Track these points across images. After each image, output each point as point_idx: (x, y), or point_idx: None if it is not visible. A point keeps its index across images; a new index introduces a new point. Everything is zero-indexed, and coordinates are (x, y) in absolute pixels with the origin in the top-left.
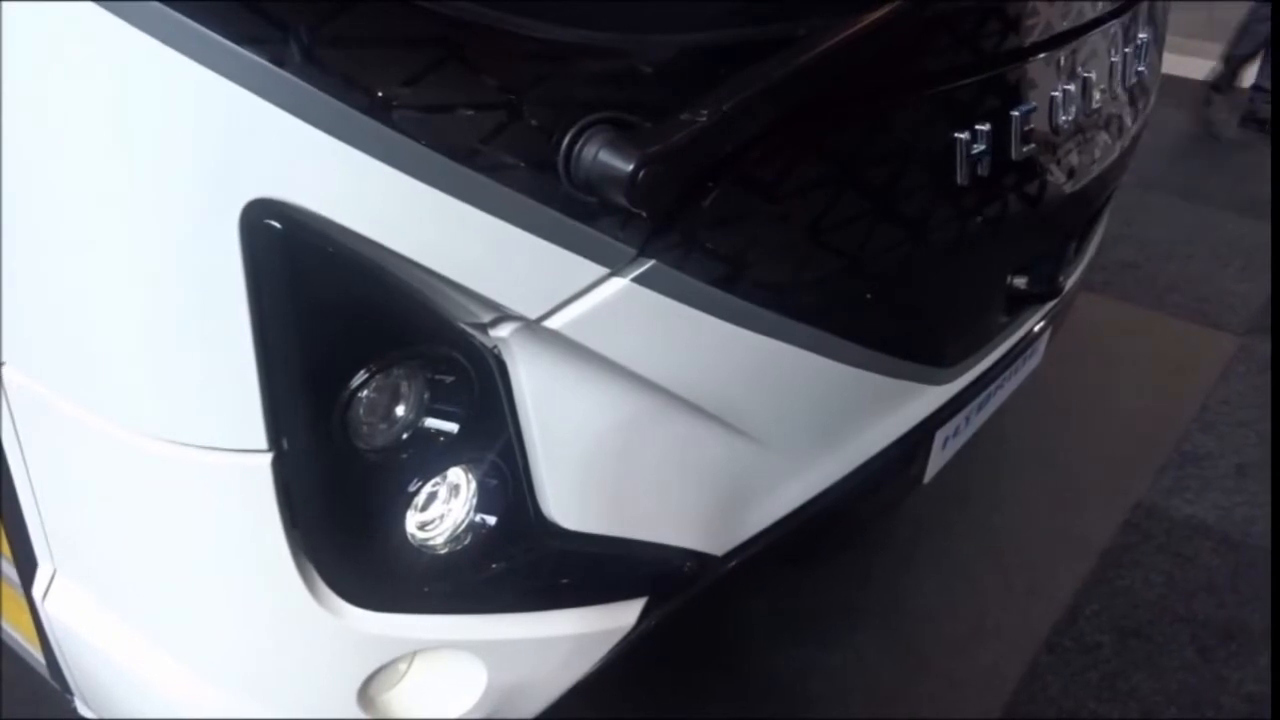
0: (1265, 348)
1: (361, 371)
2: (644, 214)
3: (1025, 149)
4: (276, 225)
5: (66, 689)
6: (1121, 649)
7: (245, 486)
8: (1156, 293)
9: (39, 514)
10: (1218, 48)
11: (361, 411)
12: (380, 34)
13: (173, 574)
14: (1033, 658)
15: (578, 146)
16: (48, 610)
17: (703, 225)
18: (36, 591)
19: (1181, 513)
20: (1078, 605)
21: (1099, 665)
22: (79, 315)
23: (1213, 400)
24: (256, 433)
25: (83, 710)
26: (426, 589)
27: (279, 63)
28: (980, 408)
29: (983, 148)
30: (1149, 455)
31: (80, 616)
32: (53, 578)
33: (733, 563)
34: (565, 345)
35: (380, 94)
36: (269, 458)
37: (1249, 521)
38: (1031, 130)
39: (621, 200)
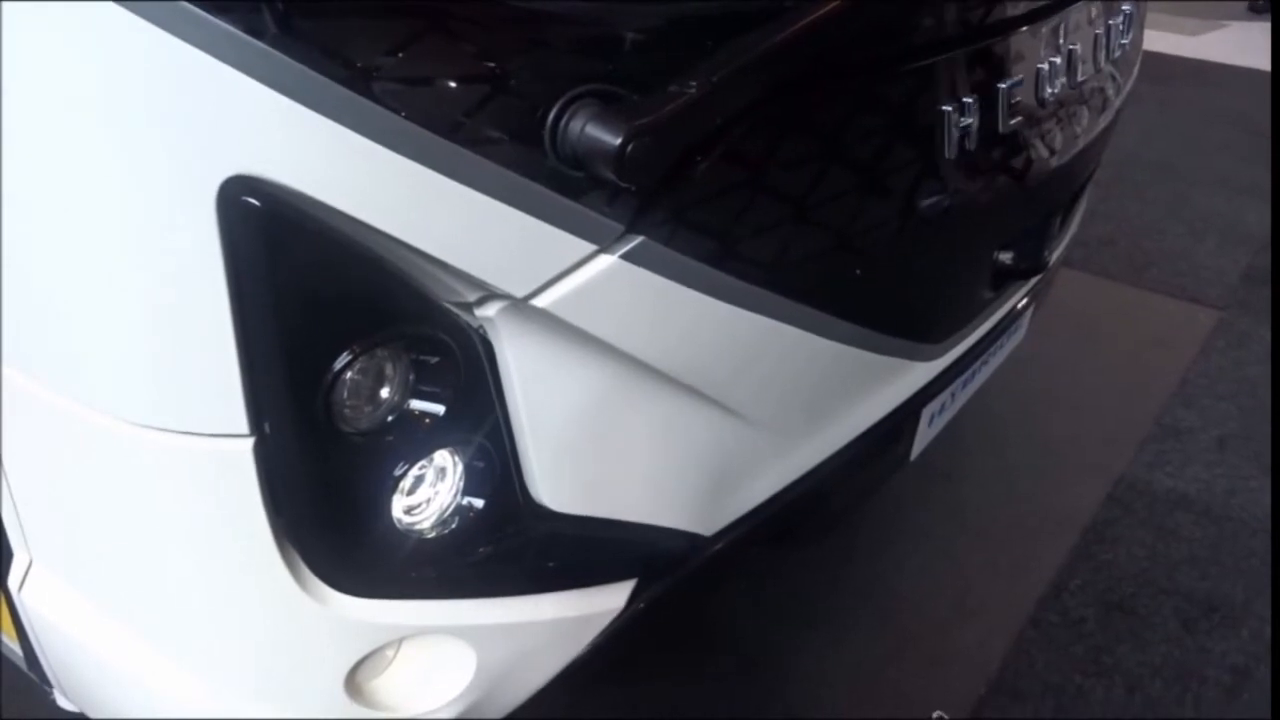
0: (1244, 322)
1: (345, 353)
2: (632, 188)
3: (1012, 122)
4: (255, 203)
5: (45, 681)
6: (1106, 623)
7: (227, 472)
8: (1135, 268)
9: (14, 502)
10: (1193, 23)
11: (345, 394)
12: (360, 3)
13: (153, 562)
14: (1017, 633)
15: (564, 119)
16: (24, 600)
17: (691, 200)
18: (12, 582)
19: (1163, 486)
20: (1061, 580)
21: (1083, 639)
22: (52, 298)
23: (1192, 374)
24: (238, 417)
25: (62, 703)
26: (413, 574)
27: (255, 33)
28: (966, 384)
29: (970, 121)
30: (1130, 430)
31: (58, 607)
32: (29, 567)
33: (722, 543)
34: (552, 324)
35: (360, 66)
36: (250, 442)
37: (1230, 494)
38: (1018, 103)
39: (609, 174)
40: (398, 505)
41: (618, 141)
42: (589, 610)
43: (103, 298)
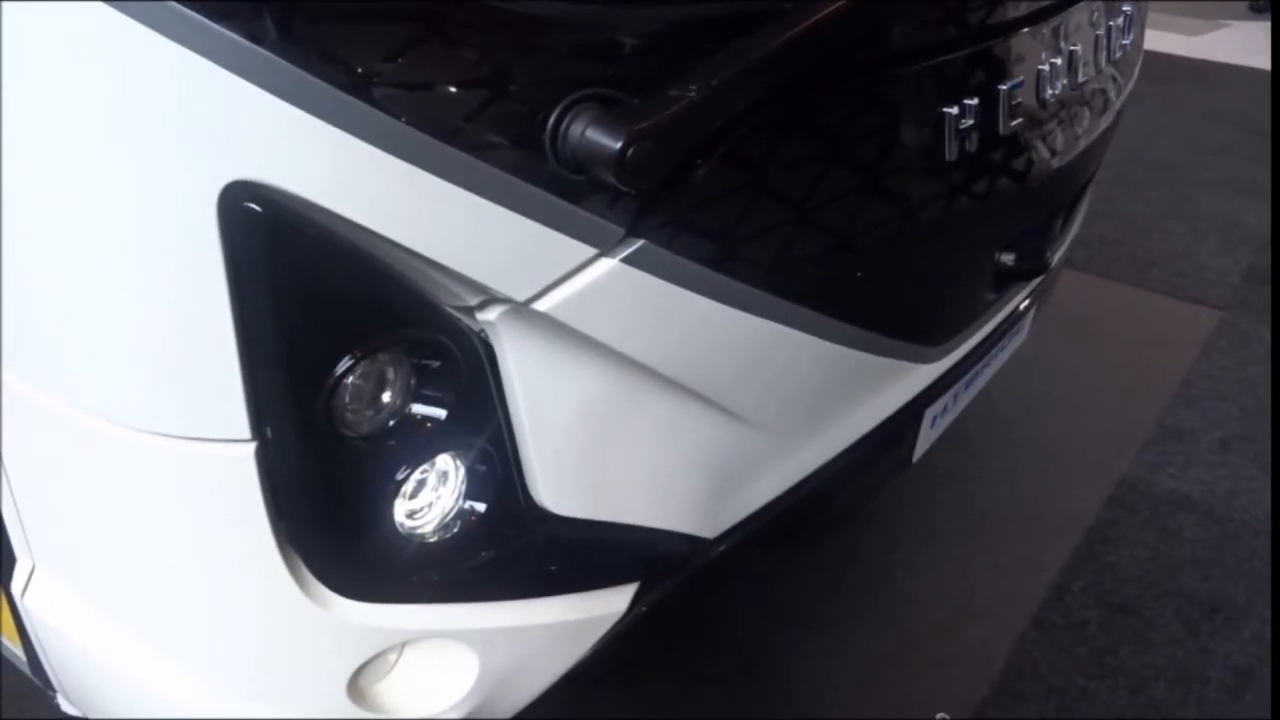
0: (1245, 322)
1: (346, 358)
2: (633, 192)
3: (1013, 124)
4: (256, 208)
5: (49, 686)
6: (1109, 624)
7: (229, 477)
8: (1137, 268)
9: (16, 507)
10: (1194, 23)
11: (347, 398)
12: (360, 8)
13: (156, 567)
14: (1021, 635)
15: (565, 123)
16: (27, 605)
17: (692, 203)
18: (15, 587)
19: (1165, 487)
20: (1064, 582)
21: (1087, 641)
22: (54, 304)
23: (1194, 374)
24: (239, 422)
25: (66, 707)
26: (416, 578)
27: (256, 39)
28: (968, 386)
29: (971, 123)
30: (1132, 430)
31: (61, 612)
32: (32, 572)
33: (724, 546)
34: (554, 328)
35: (361, 71)
36: (252, 447)
37: (1233, 495)
38: (1019, 105)
39: (610, 178)
40: (400, 509)
41: (618, 145)
42: (591, 614)
43: (104, 303)
